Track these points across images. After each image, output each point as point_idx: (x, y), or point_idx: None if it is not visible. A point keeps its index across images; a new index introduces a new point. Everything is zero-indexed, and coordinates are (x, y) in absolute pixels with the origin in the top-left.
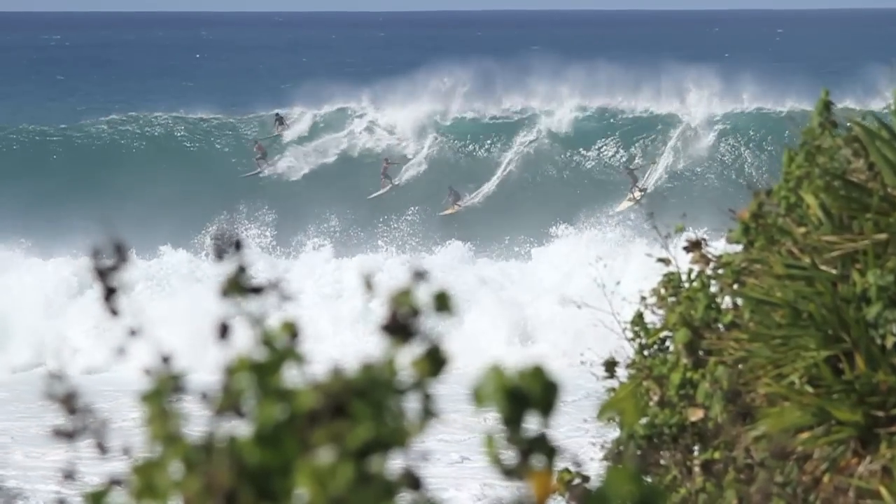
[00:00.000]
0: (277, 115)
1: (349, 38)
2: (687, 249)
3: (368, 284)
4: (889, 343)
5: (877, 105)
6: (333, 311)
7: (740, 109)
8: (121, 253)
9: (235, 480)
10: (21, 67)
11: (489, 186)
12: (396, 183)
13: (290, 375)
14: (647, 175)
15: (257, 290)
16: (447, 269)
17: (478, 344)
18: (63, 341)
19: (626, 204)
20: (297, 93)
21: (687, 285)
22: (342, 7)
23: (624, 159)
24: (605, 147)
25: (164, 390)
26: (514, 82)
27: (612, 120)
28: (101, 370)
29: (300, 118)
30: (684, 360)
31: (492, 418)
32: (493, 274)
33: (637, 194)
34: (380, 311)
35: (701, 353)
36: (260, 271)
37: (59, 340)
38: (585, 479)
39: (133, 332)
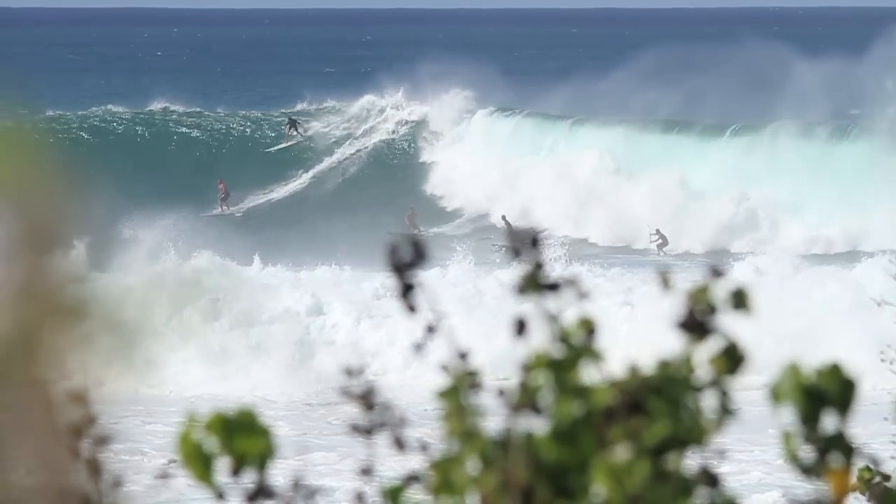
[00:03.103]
0: (290, 119)
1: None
2: None
3: (666, 282)
4: None
5: None
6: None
7: None
8: (418, 249)
9: (532, 477)
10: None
11: None
12: (423, 230)
13: (587, 372)
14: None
15: (553, 287)
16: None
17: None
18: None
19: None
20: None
21: None
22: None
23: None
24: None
25: (461, 386)
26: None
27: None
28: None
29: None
30: None
31: (789, 417)
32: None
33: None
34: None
35: None
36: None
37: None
38: (886, 478)
39: (431, 329)
